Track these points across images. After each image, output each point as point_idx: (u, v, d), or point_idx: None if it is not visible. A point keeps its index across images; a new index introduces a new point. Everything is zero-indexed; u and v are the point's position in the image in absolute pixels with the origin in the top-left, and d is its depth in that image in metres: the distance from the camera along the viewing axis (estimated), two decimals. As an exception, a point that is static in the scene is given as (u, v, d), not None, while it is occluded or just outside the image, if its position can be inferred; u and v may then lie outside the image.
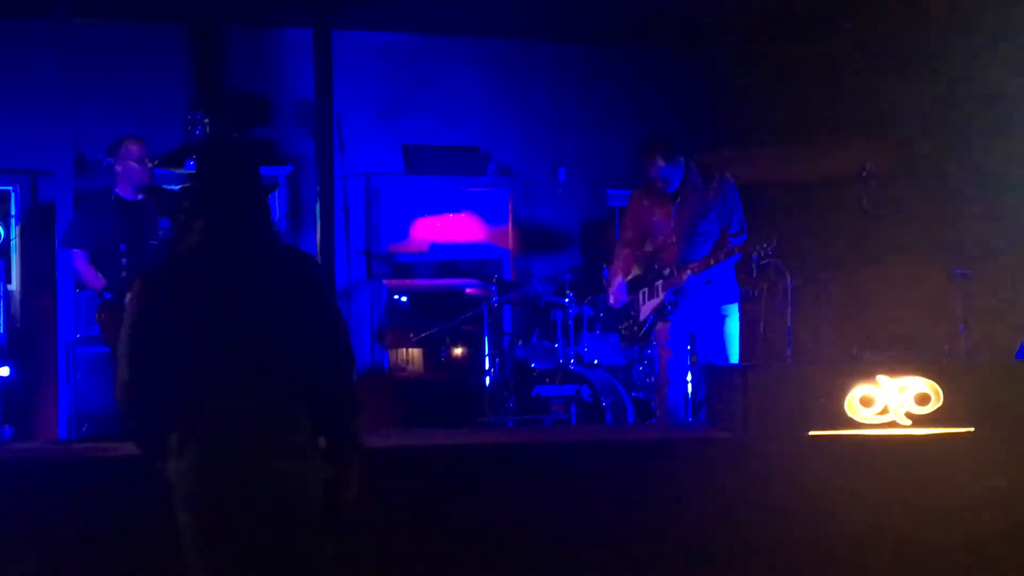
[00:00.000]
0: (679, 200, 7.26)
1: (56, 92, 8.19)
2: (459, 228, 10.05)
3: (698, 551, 5.20)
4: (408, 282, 9.81)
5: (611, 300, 7.55)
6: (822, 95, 8.94)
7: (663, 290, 7.23)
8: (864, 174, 7.34)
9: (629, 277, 7.47)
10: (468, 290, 9.03)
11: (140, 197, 6.91)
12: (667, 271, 7.23)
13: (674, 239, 7.26)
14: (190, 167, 8.37)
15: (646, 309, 7.36)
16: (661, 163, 7.23)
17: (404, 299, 9.63)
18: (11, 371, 7.95)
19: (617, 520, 5.19)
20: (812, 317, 7.76)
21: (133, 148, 6.90)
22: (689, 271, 7.10)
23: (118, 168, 6.92)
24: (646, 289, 7.38)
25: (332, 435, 3.61)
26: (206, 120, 9.09)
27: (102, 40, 9.12)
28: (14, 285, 8.85)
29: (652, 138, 7.45)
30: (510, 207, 10.11)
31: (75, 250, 6.89)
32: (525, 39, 10.09)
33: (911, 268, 8.09)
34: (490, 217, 10.13)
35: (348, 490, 3.63)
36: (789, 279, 7.54)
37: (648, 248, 7.45)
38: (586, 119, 10.24)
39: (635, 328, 7.48)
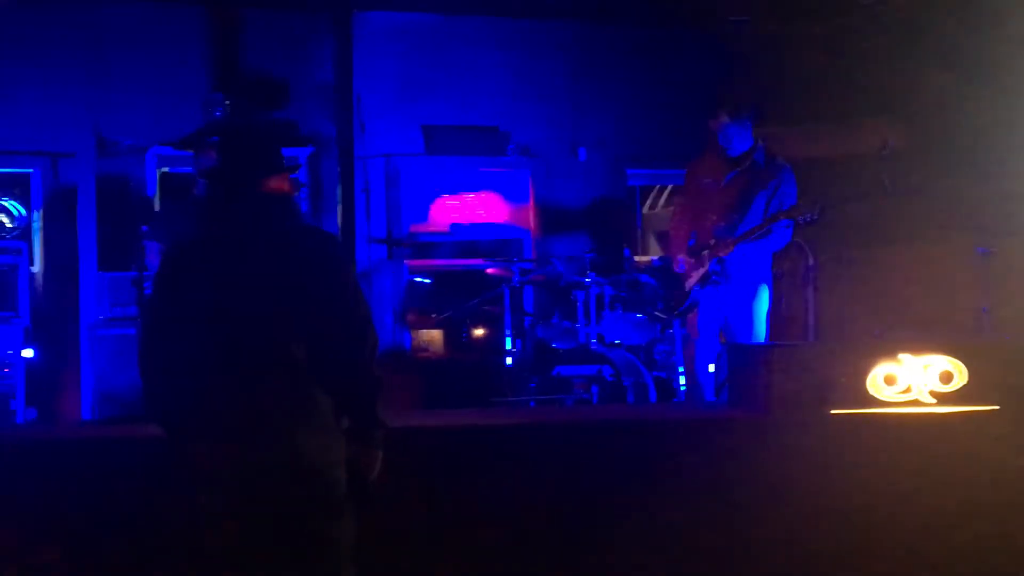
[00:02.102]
0: (738, 170, 7.12)
1: (76, 74, 8.19)
2: (480, 208, 10.03)
3: (720, 530, 5.21)
4: (429, 262, 9.80)
5: (676, 269, 7.44)
6: (843, 73, 8.88)
7: (708, 259, 7.15)
8: (885, 152, 7.29)
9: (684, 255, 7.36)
10: (489, 270, 9.01)
11: None
12: (712, 241, 7.13)
13: (717, 203, 7.13)
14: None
15: (692, 280, 7.28)
16: (726, 118, 7.04)
17: (426, 280, 9.63)
18: (35, 353, 7.99)
19: (640, 499, 5.19)
20: (834, 296, 7.73)
21: None
22: (735, 242, 7.00)
23: None
24: (693, 260, 7.30)
25: (354, 416, 3.62)
26: (226, 101, 9.08)
27: (122, 22, 9.10)
28: (37, 267, 8.88)
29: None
30: (531, 187, 10.08)
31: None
32: (545, 19, 10.05)
33: (933, 246, 8.06)
34: (511, 197, 10.10)
35: (370, 470, 3.64)
36: (811, 258, 7.49)
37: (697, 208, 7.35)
38: (606, 99, 10.18)
39: (681, 298, 7.41)
